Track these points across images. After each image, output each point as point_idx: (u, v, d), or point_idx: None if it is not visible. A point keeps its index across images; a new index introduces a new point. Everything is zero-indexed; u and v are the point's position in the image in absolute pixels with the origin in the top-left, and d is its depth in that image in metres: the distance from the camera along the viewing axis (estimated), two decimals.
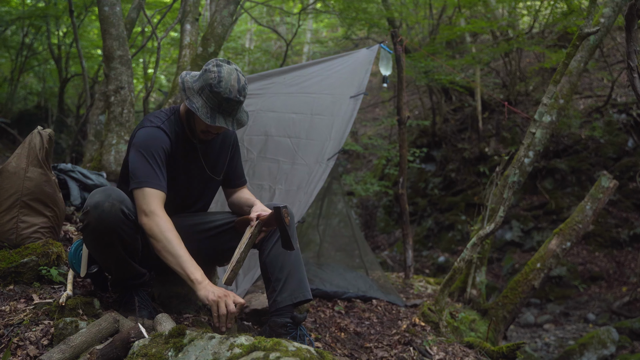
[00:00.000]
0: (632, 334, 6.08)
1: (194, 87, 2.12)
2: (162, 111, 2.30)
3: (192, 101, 2.09)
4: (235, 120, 2.17)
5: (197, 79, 2.14)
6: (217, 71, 2.08)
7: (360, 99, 3.57)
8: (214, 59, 2.16)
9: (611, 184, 4.56)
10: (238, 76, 2.11)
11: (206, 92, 2.09)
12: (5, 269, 2.27)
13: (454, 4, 9.89)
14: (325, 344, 2.86)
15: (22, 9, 10.05)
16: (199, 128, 2.20)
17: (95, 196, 1.97)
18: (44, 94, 12.06)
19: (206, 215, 2.44)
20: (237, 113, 2.16)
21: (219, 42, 5.42)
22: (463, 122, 11.21)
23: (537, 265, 4.45)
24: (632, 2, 2.32)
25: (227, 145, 2.45)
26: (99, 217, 1.94)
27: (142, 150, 2.11)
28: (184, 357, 1.59)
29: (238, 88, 2.10)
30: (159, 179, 2.09)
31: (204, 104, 2.09)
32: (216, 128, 2.17)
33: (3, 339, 1.91)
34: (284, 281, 2.17)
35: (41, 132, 2.68)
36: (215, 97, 2.08)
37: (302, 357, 1.49)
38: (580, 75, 4.61)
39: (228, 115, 2.13)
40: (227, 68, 2.10)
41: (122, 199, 1.99)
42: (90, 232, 1.99)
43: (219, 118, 2.10)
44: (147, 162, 2.09)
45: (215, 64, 2.11)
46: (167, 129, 2.20)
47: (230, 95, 2.08)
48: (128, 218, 1.99)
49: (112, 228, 1.95)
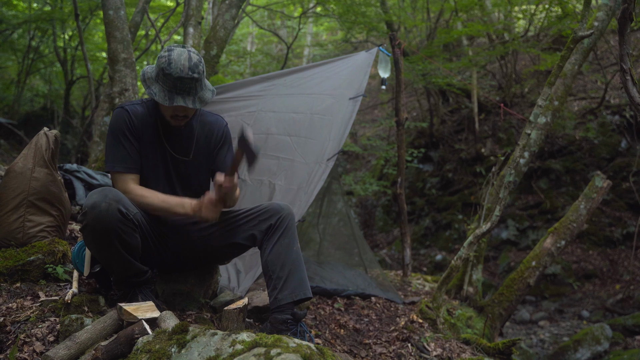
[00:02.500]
0: (625, 331, 6.08)
1: (152, 76, 2.15)
2: (141, 98, 2.40)
3: (151, 89, 2.13)
4: (197, 98, 2.16)
5: (154, 67, 2.17)
6: (167, 55, 2.10)
7: (360, 100, 3.57)
8: (168, 45, 2.18)
9: (605, 184, 4.56)
10: (189, 55, 2.11)
11: (160, 76, 2.11)
12: (12, 267, 2.27)
13: (451, 7, 9.89)
14: (325, 341, 2.86)
15: (29, 12, 10.05)
16: (166, 114, 2.22)
17: (92, 197, 1.97)
18: (50, 96, 12.06)
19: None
20: (197, 91, 2.16)
21: (221, 45, 5.43)
22: (460, 124, 11.22)
23: (532, 263, 4.45)
24: (625, 6, 2.32)
25: (215, 134, 2.40)
26: (96, 217, 1.93)
27: (110, 133, 2.22)
28: (187, 353, 1.59)
29: (189, 66, 2.09)
30: (126, 160, 2.20)
31: (161, 88, 2.11)
32: (181, 110, 2.17)
33: (10, 335, 1.91)
34: (285, 279, 2.16)
35: (47, 133, 2.68)
36: (168, 79, 2.09)
37: (302, 353, 1.49)
38: (574, 78, 4.61)
39: (187, 94, 2.13)
40: (178, 50, 2.12)
41: (119, 199, 1.99)
42: (89, 233, 1.98)
43: (177, 98, 2.10)
44: (114, 145, 2.21)
45: (167, 50, 2.13)
46: (132, 110, 2.25)
47: (182, 74, 2.08)
48: (126, 217, 1.98)
49: (110, 227, 1.95)
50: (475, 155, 10.20)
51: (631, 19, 2.35)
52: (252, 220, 2.29)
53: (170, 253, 2.32)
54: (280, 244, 2.19)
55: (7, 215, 2.50)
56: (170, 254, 2.32)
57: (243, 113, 3.54)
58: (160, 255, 2.29)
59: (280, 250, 2.19)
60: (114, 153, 2.20)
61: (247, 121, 3.55)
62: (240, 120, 3.52)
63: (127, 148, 2.20)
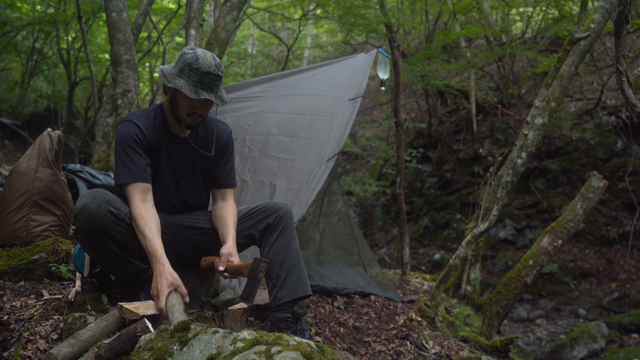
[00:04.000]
0: (621, 329, 6.08)
1: (174, 72, 2.14)
2: (142, 109, 2.36)
3: (175, 83, 2.10)
4: (218, 97, 2.17)
5: (175, 65, 2.16)
6: (193, 52, 2.11)
7: (359, 101, 3.57)
8: (187, 46, 2.19)
9: (601, 184, 4.55)
10: (212, 55, 2.14)
11: (186, 71, 2.10)
12: (16, 265, 2.27)
13: (450, 10, 9.89)
14: (325, 339, 2.86)
15: (33, 14, 10.05)
16: (183, 112, 2.17)
17: (82, 199, 1.95)
18: (53, 97, 12.07)
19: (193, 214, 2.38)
20: (218, 90, 2.16)
21: (222, 47, 5.42)
22: (458, 124, 11.22)
23: (529, 262, 4.45)
24: (621, 9, 2.32)
25: (219, 140, 2.39)
26: (87, 219, 1.91)
27: (118, 146, 2.15)
28: (188, 350, 1.59)
29: (215, 63, 2.11)
30: (137, 171, 2.11)
31: (186, 82, 2.10)
32: (199, 107, 2.15)
33: (14, 333, 1.91)
34: (284, 278, 2.16)
35: (51, 134, 2.68)
36: (195, 74, 2.08)
37: (302, 351, 1.49)
38: (571, 79, 4.61)
39: (210, 90, 2.12)
40: (201, 50, 2.14)
41: (109, 199, 1.97)
42: (82, 235, 1.97)
43: (202, 92, 2.10)
44: (121, 158, 2.13)
45: (190, 48, 2.14)
46: (139, 122, 2.20)
47: (209, 69, 2.08)
48: (117, 217, 1.96)
49: (102, 228, 1.93)
50: (473, 156, 10.20)
51: (627, 21, 2.35)
52: (250, 220, 2.28)
53: (169, 251, 2.32)
54: (278, 242, 2.19)
55: (11, 215, 2.50)
56: (169, 252, 2.32)
57: (244, 114, 3.54)
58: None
59: (278, 249, 2.18)
60: (124, 166, 2.12)
61: (248, 122, 3.54)
62: (241, 121, 3.51)
63: (131, 161, 2.13)
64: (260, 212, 2.28)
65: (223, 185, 2.41)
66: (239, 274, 2.06)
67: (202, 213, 2.40)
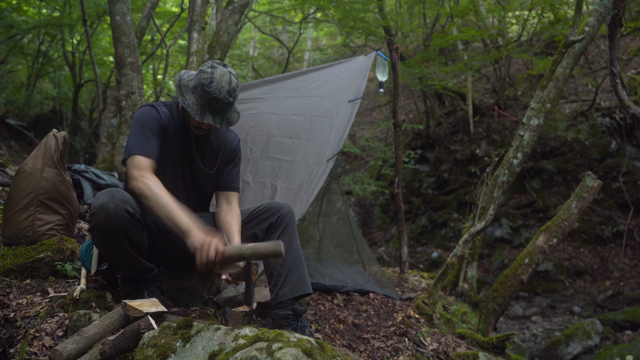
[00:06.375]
0: (615, 326, 6.08)
1: (189, 85, 2.16)
2: (164, 100, 2.39)
3: (185, 98, 2.13)
4: (225, 119, 2.18)
5: (193, 77, 2.17)
6: (211, 72, 2.11)
7: (358, 103, 3.57)
8: (211, 61, 2.18)
9: (595, 184, 4.55)
10: (230, 79, 2.13)
11: (198, 90, 2.11)
12: (22, 264, 2.27)
13: (447, 13, 9.90)
14: (325, 335, 2.86)
15: (38, 18, 10.05)
16: (192, 123, 2.23)
17: (100, 198, 1.95)
18: (59, 99, 12.07)
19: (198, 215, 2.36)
20: (226, 113, 2.17)
21: (224, 50, 5.43)
22: (455, 125, 11.22)
23: (525, 260, 4.45)
24: (615, 12, 2.32)
25: (228, 148, 2.42)
26: (104, 218, 1.92)
27: (135, 125, 2.16)
28: (191, 347, 1.59)
29: (228, 90, 2.11)
30: (147, 148, 2.10)
31: (196, 101, 2.12)
32: (207, 125, 2.20)
33: (20, 330, 1.91)
34: (285, 276, 2.17)
35: (56, 135, 2.68)
36: (206, 96, 2.10)
37: (303, 347, 1.49)
38: (566, 81, 4.61)
39: (217, 113, 2.14)
40: (221, 70, 2.12)
41: (126, 199, 1.97)
42: (97, 233, 1.97)
43: (207, 116, 2.12)
44: (138, 134, 2.13)
45: (210, 66, 2.14)
46: (161, 110, 2.24)
47: (219, 95, 2.10)
48: (133, 217, 1.97)
49: (118, 227, 1.93)
50: (470, 156, 10.20)
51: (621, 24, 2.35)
52: (253, 220, 2.30)
53: (175, 251, 2.32)
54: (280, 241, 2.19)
55: (18, 214, 2.50)
56: (175, 252, 2.32)
57: (245, 115, 3.54)
58: (165, 253, 2.29)
59: None
60: (135, 140, 2.11)
61: (249, 123, 3.54)
62: (243, 122, 3.51)
63: (146, 138, 2.13)
64: (263, 211, 2.29)
65: (228, 188, 2.43)
66: (238, 278, 2.11)
67: (207, 214, 2.42)
